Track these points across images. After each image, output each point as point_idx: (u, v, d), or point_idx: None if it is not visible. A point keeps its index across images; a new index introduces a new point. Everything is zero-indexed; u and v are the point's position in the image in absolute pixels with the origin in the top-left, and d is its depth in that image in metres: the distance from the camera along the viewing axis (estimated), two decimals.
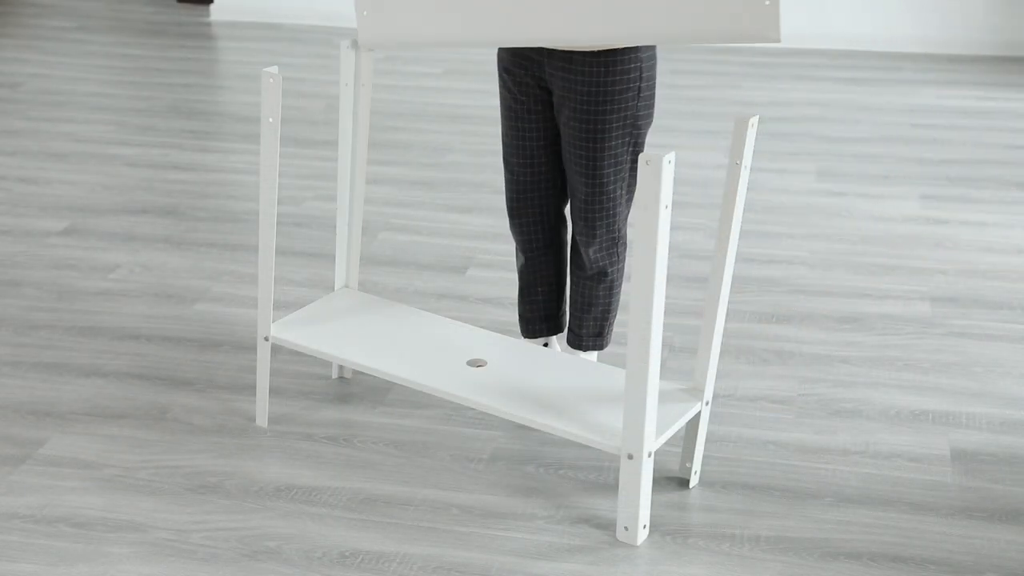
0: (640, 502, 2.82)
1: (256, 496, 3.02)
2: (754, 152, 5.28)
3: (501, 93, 3.23)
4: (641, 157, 2.57)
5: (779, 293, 4.06)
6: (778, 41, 2.67)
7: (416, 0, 3.03)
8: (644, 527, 2.87)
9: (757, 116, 2.73)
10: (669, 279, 4.13)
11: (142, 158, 5.16)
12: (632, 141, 3.12)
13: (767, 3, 2.64)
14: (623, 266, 3.32)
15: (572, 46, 2.92)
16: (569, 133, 3.12)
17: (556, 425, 2.89)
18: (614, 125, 3.07)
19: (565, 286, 3.44)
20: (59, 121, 5.57)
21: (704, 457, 3.18)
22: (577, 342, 3.41)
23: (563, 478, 3.10)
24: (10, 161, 5.09)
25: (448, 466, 3.15)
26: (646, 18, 2.78)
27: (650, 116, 3.13)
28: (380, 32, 3.10)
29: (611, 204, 3.17)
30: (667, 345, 3.73)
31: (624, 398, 2.76)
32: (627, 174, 3.17)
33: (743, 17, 2.68)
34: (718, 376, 3.56)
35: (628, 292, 4.03)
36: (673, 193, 4.85)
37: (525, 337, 3.50)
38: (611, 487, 3.06)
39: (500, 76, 3.21)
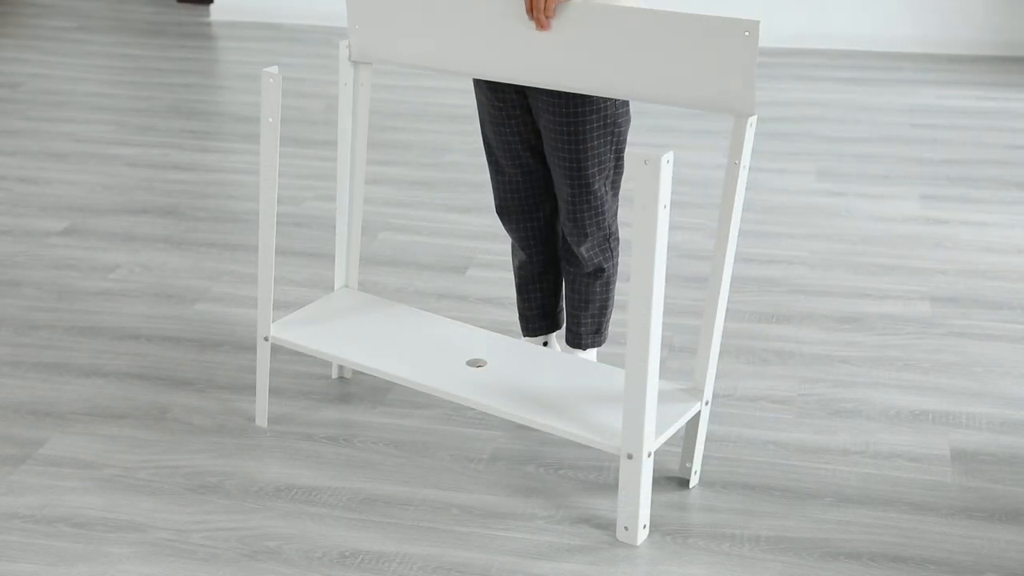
0: (640, 502, 2.82)
1: (256, 496, 3.02)
2: (754, 152, 5.28)
3: (479, 99, 3.23)
4: (639, 156, 2.56)
5: (779, 293, 4.06)
6: (752, 115, 2.75)
7: (404, 23, 3.08)
8: (644, 527, 2.87)
9: (755, 115, 2.73)
10: (669, 279, 4.13)
11: (142, 158, 5.16)
12: (614, 140, 3.12)
13: (743, 79, 2.71)
14: (617, 261, 3.32)
15: (552, 87, 2.96)
16: (550, 137, 3.12)
17: (556, 425, 2.89)
18: (594, 126, 3.08)
19: (562, 283, 3.44)
20: (59, 121, 5.58)
21: (704, 457, 3.18)
22: (576, 340, 3.41)
23: (563, 478, 3.10)
24: (10, 161, 5.09)
25: (448, 466, 3.15)
26: (624, 77, 2.85)
27: (628, 112, 3.14)
28: (370, 48, 3.15)
29: (598, 203, 3.17)
30: (667, 345, 3.73)
31: (623, 398, 2.76)
32: (611, 172, 3.17)
33: (719, 89, 2.75)
34: (718, 376, 3.56)
35: (627, 292, 4.03)
36: (672, 193, 4.85)
37: (525, 335, 3.50)
38: (611, 487, 3.07)
39: (476, 83, 3.21)
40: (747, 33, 2.70)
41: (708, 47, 2.73)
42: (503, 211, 3.32)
